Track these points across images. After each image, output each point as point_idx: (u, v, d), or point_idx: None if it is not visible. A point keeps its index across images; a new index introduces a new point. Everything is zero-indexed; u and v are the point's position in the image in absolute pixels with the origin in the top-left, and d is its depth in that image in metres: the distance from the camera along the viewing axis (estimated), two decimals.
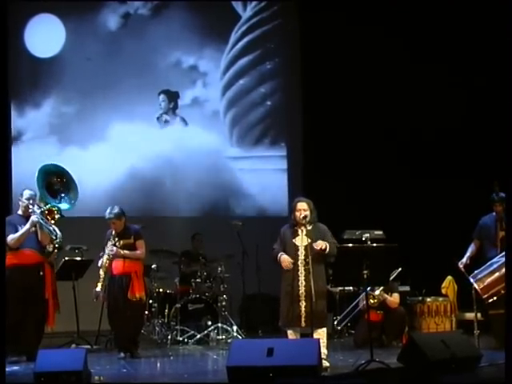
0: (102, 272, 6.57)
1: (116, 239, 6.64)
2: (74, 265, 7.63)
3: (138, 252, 6.67)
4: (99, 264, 6.65)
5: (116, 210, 6.66)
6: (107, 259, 6.58)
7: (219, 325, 7.75)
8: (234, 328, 7.85)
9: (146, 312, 7.64)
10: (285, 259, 5.91)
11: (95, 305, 7.59)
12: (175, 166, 9.72)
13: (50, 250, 6.40)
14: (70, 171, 6.72)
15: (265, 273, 8.23)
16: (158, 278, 8.03)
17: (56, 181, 6.56)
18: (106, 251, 6.61)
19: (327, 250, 5.88)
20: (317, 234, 6.03)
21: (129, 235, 6.68)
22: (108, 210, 6.69)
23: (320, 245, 5.86)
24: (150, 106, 9.71)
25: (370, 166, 9.52)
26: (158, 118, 9.76)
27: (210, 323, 7.78)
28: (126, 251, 6.62)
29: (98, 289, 6.54)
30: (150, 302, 7.84)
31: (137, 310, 6.66)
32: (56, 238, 6.28)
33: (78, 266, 7.65)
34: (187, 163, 9.73)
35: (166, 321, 7.91)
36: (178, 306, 7.79)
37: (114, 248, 6.58)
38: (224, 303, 7.91)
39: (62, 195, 6.54)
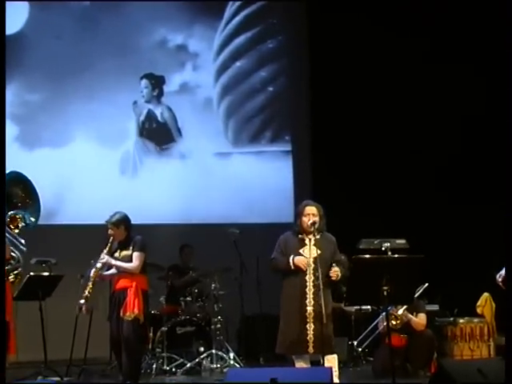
0: (89, 283, 6.59)
1: (117, 250, 6.73)
2: (40, 281, 7.58)
3: (129, 264, 6.69)
4: (91, 274, 6.67)
5: (116, 216, 6.74)
6: (97, 269, 6.63)
7: (213, 351, 7.72)
8: (231, 355, 7.82)
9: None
10: (300, 260, 5.88)
11: (66, 329, 7.58)
12: None
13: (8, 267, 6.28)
14: (31, 180, 6.64)
15: (267, 290, 8.16)
16: None
17: (16, 193, 6.47)
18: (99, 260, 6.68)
19: (339, 277, 5.92)
20: (326, 245, 6.01)
21: (130, 246, 6.75)
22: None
23: (336, 274, 5.88)
24: (130, 92, 9.69)
25: (389, 163, 9.50)
26: (134, 103, 9.78)
27: (202, 349, 7.75)
28: (118, 262, 6.69)
29: (82, 301, 6.55)
30: None
31: (132, 331, 6.61)
32: (16, 261, 6.12)
33: (46, 282, 7.60)
34: None
35: (150, 347, 7.87)
36: (165, 329, 7.76)
37: (106, 256, 6.63)
38: (219, 326, 7.88)
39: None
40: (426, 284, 7.20)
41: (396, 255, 6.40)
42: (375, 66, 9.48)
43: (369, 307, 7.74)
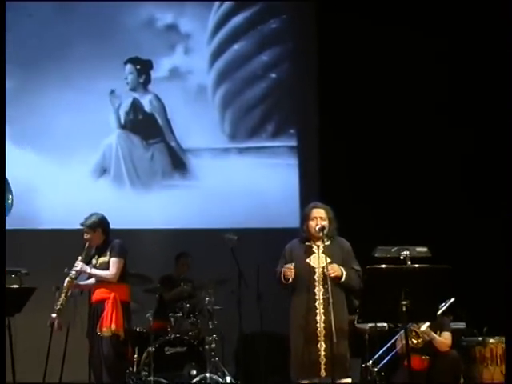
0: (62, 295, 6.61)
1: (94, 256, 6.78)
2: (9, 295, 7.55)
3: (105, 272, 6.69)
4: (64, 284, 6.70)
5: (92, 218, 6.78)
6: (71, 278, 6.64)
7: (207, 375, 7.69)
8: (228, 379, 7.81)
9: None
10: (285, 269, 5.86)
11: (39, 348, 7.55)
12: None
13: None
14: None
15: (268, 304, 8.18)
16: None
17: None
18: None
19: (343, 278, 5.88)
20: (338, 251, 5.98)
21: (108, 252, 6.78)
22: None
23: (334, 271, 5.82)
24: (113, 79, 9.68)
25: (408, 160, 9.47)
26: (111, 93, 9.78)
27: (194, 373, 7.73)
28: (93, 269, 6.71)
29: (54, 314, 6.58)
30: None
31: (112, 349, 6.60)
32: None
33: (16, 296, 7.58)
34: None
35: (134, 370, 7.85)
36: (152, 349, 7.74)
37: (80, 263, 6.64)
38: (213, 345, 7.87)
39: None
40: (452, 299, 7.13)
41: (417, 265, 6.34)
42: (393, 48, 9.46)
43: (385, 324, 7.71)
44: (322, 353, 5.82)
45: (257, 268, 8.27)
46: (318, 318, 5.85)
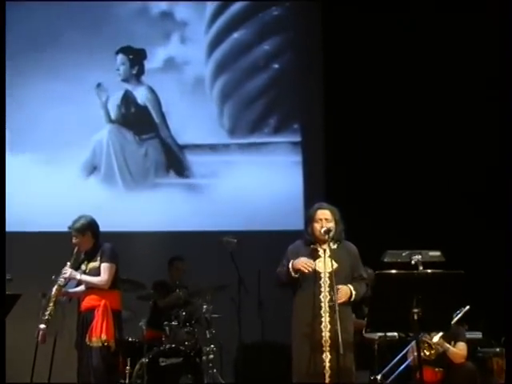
0: (50, 304, 6.57)
1: (84, 261, 6.76)
2: None
3: (96, 278, 6.68)
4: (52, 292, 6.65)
5: (81, 221, 6.75)
6: (59, 286, 6.62)
7: None
8: None
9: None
10: (300, 261, 5.79)
11: (23, 360, 7.54)
12: None
13: None
14: None
15: (270, 312, 8.18)
16: None
17: None
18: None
19: (352, 297, 5.87)
20: (345, 256, 5.96)
21: (98, 257, 6.76)
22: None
23: (342, 296, 5.81)
24: (103, 71, 9.65)
25: (420, 160, 9.45)
26: (97, 86, 9.76)
27: None
28: (83, 276, 6.69)
29: (42, 325, 6.53)
30: None
31: (101, 361, 6.56)
32: None
33: None
34: None
35: (126, 382, 7.81)
36: (145, 360, 7.69)
37: (69, 269, 6.62)
38: (211, 356, 7.85)
39: None
40: (467, 307, 7.11)
41: (429, 270, 6.33)
42: (402, 39, 9.43)
43: (395, 334, 7.70)
44: (327, 364, 5.78)
45: (258, 273, 8.27)
46: (322, 326, 5.81)
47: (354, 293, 5.87)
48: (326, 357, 5.80)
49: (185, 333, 7.98)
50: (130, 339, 8.00)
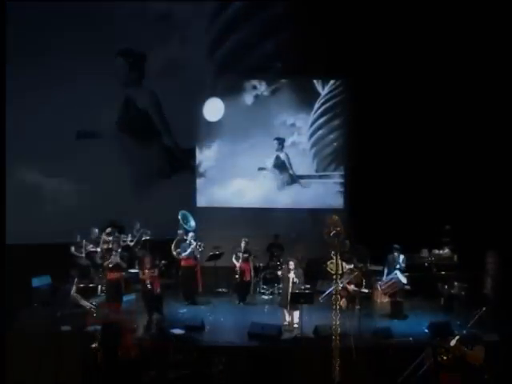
0: None
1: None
2: None
3: None
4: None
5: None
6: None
7: None
8: None
9: None
10: None
11: None
12: None
13: None
14: None
15: None
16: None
17: None
18: None
19: None
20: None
21: None
22: None
23: None
24: (103, 75, 9.54)
25: (432, 163, 9.65)
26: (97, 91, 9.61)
27: None
28: None
29: None
30: None
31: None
32: None
33: None
34: None
35: None
36: (153, 373, 7.62)
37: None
38: (221, 367, 7.62)
39: None
40: (484, 308, 7.09)
41: None
42: (417, 45, 9.60)
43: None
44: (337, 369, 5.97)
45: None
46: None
47: None
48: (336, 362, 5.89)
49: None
50: None
